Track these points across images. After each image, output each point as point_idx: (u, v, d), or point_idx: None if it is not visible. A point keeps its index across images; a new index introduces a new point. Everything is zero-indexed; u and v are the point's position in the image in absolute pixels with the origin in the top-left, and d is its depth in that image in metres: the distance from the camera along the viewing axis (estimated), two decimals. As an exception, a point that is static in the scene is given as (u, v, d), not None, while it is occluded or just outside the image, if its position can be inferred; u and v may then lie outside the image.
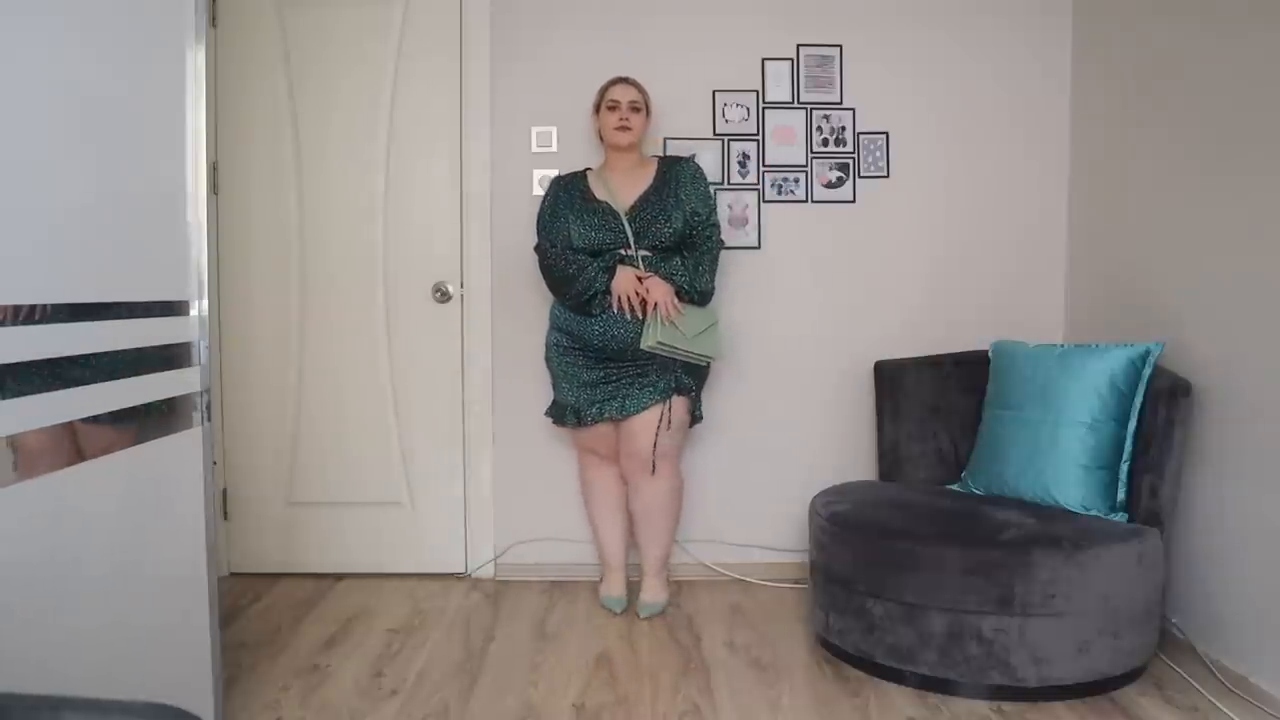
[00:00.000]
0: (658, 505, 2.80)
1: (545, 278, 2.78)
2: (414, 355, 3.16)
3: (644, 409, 2.68)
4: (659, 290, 2.61)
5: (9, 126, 1.37)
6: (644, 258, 2.70)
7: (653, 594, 2.85)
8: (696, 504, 3.13)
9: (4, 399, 1.35)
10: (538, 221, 2.82)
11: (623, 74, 2.83)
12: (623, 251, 2.70)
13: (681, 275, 2.68)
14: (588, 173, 2.87)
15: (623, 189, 2.76)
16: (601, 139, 2.83)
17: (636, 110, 2.76)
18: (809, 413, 3.19)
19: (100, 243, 1.60)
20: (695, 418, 2.87)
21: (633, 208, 2.72)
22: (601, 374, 2.73)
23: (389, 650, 2.55)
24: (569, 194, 2.79)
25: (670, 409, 2.69)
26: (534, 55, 3.11)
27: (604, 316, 2.68)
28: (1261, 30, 2.22)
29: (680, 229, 2.71)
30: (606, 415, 2.73)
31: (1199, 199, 2.46)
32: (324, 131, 3.11)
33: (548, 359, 2.84)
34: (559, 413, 2.84)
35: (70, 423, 1.51)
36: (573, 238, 2.72)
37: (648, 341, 2.60)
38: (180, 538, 1.85)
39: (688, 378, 2.74)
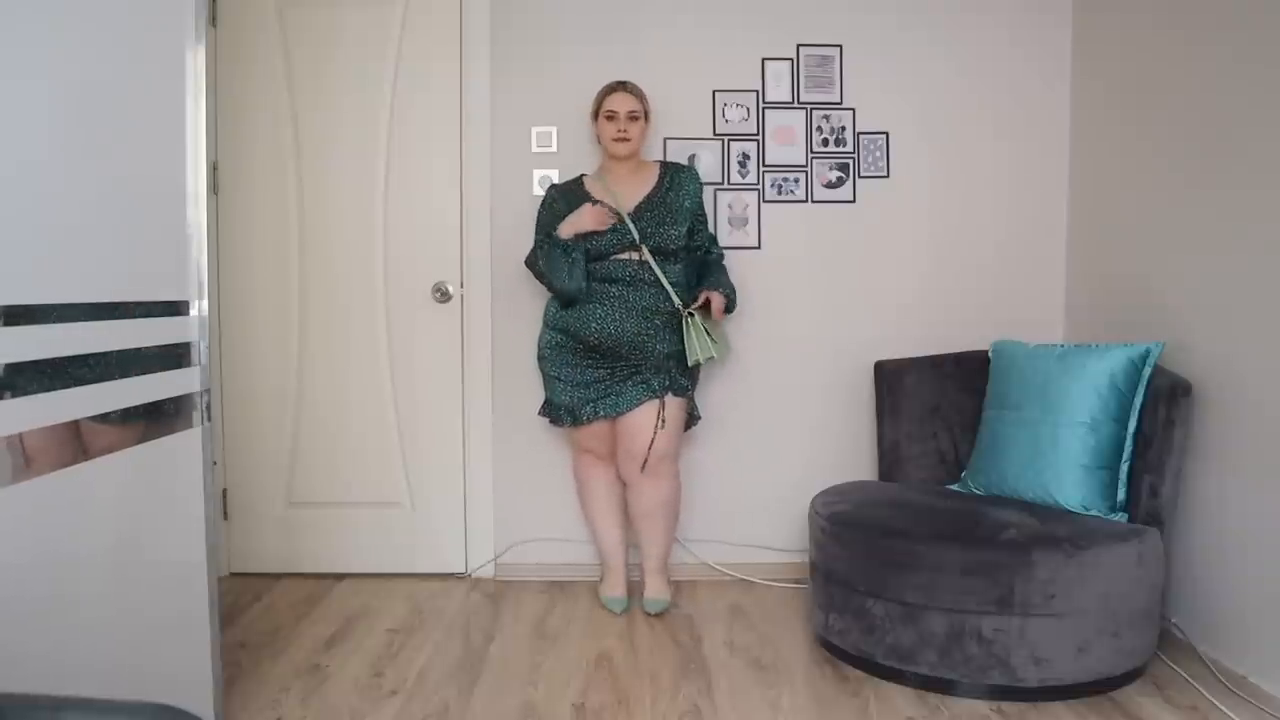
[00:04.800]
0: (657, 507, 2.80)
1: (543, 279, 2.76)
2: (414, 355, 3.16)
3: (638, 405, 2.69)
4: (717, 300, 2.71)
5: (10, 127, 1.37)
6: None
7: (657, 591, 2.86)
8: (696, 504, 3.13)
9: (4, 399, 1.35)
10: (536, 231, 2.80)
11: (623, 76, 2.83)
12: (631, 255, 2.70)
13: (728, 290, 2.77)
14: (585, 178, 2.86)
15: (625, 190, 2.76)
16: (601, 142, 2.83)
17: (635, 119, 2.74)
18: (809, 413, 3.19)
19: (100, 243, 1.60)
20: (693, 418, 2.87)
21: (638, 208, 2.72)
22: (596, 373, 2.73)
23: (389, 650, 2.55)
24: (567, 201, 2.77)
25: (665, 408, 2.69)
26: (534, 55, 3.11)
27: (602, 310, 2.67)
28: (1261, 29, 2.22)
29: (686, 233, 2.73)
30: (602, 413, 2.73)
31: (1199, 198, 2.46)
32: (324, 131, 3.11)
33: (541, 359, 2.83)
34: (554, 412, 2.84)
35: (71, 422, 1.51)
36: (577, 243, 2.71)
37: (699, 356, 2.66)
38: (180, 538, 1.85)
39: (683, 378, 2.74)
